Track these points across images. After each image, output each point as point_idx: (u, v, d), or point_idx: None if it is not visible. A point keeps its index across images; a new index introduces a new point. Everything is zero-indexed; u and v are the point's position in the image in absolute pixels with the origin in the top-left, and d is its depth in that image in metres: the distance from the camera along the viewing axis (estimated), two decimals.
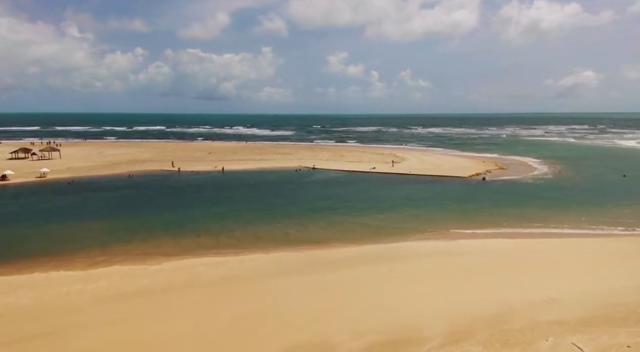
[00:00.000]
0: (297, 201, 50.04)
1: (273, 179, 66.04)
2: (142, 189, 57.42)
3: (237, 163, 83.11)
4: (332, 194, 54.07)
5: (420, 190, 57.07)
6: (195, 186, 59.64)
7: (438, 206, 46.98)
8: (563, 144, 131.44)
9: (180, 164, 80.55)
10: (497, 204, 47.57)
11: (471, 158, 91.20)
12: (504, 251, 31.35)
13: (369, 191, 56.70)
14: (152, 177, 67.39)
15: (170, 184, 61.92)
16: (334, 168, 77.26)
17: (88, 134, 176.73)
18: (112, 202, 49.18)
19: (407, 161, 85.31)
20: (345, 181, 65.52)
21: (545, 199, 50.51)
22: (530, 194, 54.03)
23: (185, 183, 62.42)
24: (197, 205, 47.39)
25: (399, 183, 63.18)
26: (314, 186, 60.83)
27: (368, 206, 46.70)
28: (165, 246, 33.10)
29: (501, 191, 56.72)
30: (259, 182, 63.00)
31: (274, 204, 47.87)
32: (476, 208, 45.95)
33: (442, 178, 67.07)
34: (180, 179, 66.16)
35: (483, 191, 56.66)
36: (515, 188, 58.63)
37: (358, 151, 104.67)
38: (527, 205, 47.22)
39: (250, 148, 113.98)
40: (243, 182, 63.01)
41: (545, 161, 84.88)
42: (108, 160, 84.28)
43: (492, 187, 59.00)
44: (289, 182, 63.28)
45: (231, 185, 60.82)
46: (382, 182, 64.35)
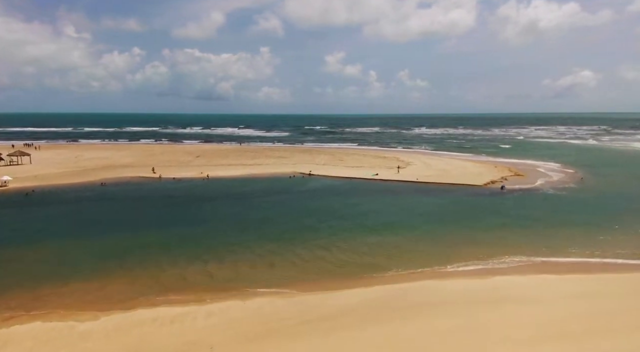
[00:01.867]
0: (287, 218, 42.39)
1: (262, 188, 58.45)
2: (109, 202, 49.79)
3: (226, 168, 75.57)
4: (329, 208, 46.54)
5: (431, 202, 49.62)
6: (172, 198, 51.99)
7: (456, 224, 39.48)
8: (574, 146, 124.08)
9: (164, 169, 73.03)
10: (526, 221, 40.10)
11: (481, 162, 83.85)
12: (559, 296, 23.82)
13: (371, 204, 49.14)
14: (127, 186, 59.76)
15: (143, 194, 54.30)
16: (332, 174, 69.79)
17: (76, 135, 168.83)
18: (66, 220, 41.38)
19: (412, 166, 77.88)
20: (345, 190, 58.03)
21: (578, 214, 43.15)
22: (559, 208, 46.59)
23: (162, 193, 54.80)
24: (166, 224, 39.76)
25: (406, 193, 55.74)
26: (309, 197, 53.29)
27: (371, 226, 39.16)
28: (112, 287, 25.56)
29: (524, 204, 49.25)
30: (246, 193, 55.37)
31: (259, 223, 40.24)
32: (502, 226, 38.58)
33: (454, 186, 59.72)
34: (157, 188, 58.54)
35: (502, 203, 49.20)
36: (538, 200, 51.17)
37: (358, 154, 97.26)
38: (562, 223, 39.78)
39: (243, 151, 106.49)
40: (227, 192, 55.42)
41: (562, 167, 77.46)
42: (83, 165, 76.59)
43: (512, 199, 51.54)
44: (280, 192, 55.73)
45: (213, 196, 53.24)
46: (386, 191, 56.88)
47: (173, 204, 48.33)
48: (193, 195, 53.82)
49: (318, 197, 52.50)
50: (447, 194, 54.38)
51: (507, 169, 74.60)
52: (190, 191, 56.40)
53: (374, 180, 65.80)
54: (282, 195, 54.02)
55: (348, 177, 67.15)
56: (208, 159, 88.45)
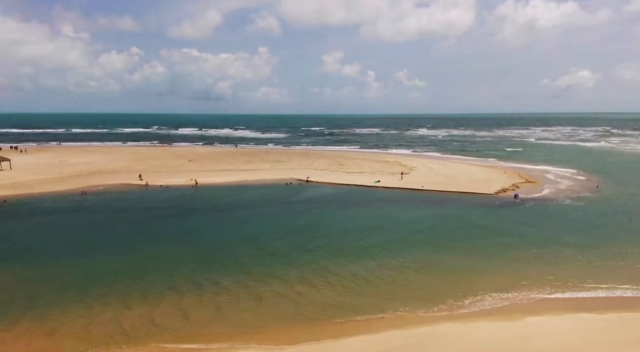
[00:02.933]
0: (276, 237, 37.78)
1: (254, 198, 53.90)
2: (85, 215, 45.13)
3: (218, 174, 70.99)
4: (325, 224, 42.08)
5: (439, 215, 45.12)
6: (153, 210, 47.27)
7: (469, 245, 35.00)
8: (583, 150, 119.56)
9: (152, 175, 68.42)
10: (547, 242, 35.64)
11: (489, 167, 79.40)
12: (610, 345, 19.40)
13: (372, 218, 44.61)
14: (109, 195, 55.12)
15: (124, 205, 49.65)
16: (331, 181, 65.27)
17: (66, 137, 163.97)
18: (29, 239, 36.72)
19: (416, 172, 73.39)
20: (344, 200, 53.52)
21: (602, 232, 38.75)
22: (579, 224, 42.14)
23: (144, 204, 50.15)
24: (139, 244, 35.09)
25: (411, 203, 51.29)
26: (304, 209, 48.76)
27: (372, 248, 34.65)
28: (64, 332, 21.05)
29: (540, 218, 44.78)
30: (234, 204, 50.80)
31: (244, 244, 35.65)
32: (520, 248, 34.11)
33: (463, 195, 55.29)
34: (141, 198, 53.90)
35: (516, 217, 44.70)
36: (555, 213, 46.61)
37: (358, 158, 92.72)
38: (586, 244, 35.31)
39: (238, 154, 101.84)
40: (215, 203, 50.83)
41: (574, 173, 72.98)
42: (67, 171, 71.88)
43: (526, 212, 47.09)
44: (273, 203, 51.16)
45: (198, 208, 48.65)
46: (389, 201, 52.43)
47: (152, 218, 43.67)
48: (176, 207, 49.19)
49: (314, 209, 47.97)
50: (456, 205, 49.94)
51: (517, 175, 70.21)
52: (175, 202, 51.76)
53: (376, 187, 61.35)
54: (275, 206, 49.43)
55: (348, 184, 62.68)
56: (200, 164, 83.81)
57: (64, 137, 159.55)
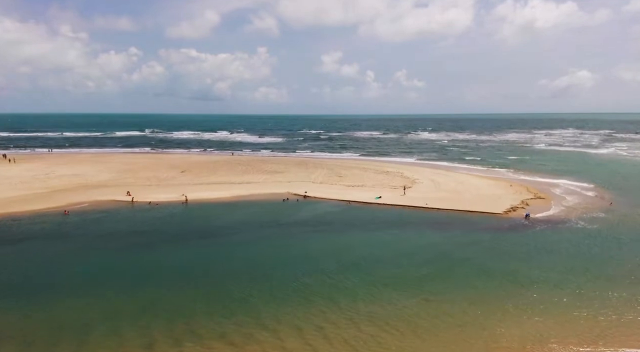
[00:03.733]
0: (272, 271, 34.41)
1: (247, 218, 50.52)
2: (61, 242, 41.61)
3: (211, 188, 67.56)
4: (320, 253, 38.80)
5: (446, 242, 41.85)
6: (138, 234, 43.70)
7: (484, 282, 31.65)
8: (589, 158, 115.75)
9: (140, 190, 65.05)
10: (569, 281, 32.26)
11: (495, 179, 76.07)
12: None
13: (373, 245, 41.31)
14: (93, 216, 51.60)
15: (108, 228, 46.12)
16: (329, 197, 61.92)
17: (59, 141, 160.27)
18: None
19: (419, 185, 70.05)
20: (342, 219, 50.29)
21: (624, 266, 35.45)
22: (599, 254, 38.89)
23: (127, 227, 46.66)
24: (110, 282, 31.64)
25: (414, 224, 48.22)
26: (299, 232, 45.47)
27: (373, 287, 31.23)
28: None
29: (555, 244, 41.47)
30: (225, 226, 47.35)
31: (225, 281, 32.17)
32: (542, 287, 30.78)
33: (470, 215, 51.99)
34: (125, 219, 50.39)
35: (530, 244, 41.36)
36: (569, 238, 43.14)
37: (358, 168, 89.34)
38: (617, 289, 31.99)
39: (235, 163, 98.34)
40: (204, 226, 47.44)
41: (585, 187, 69.46)
42: (52, 185, 68.34)
43: (540, 236, 43.68)
44: (268, 225, 47.77)
45: (184, 231, 45.26)
46: (391, 222, 49.33)
47: (133, 247, 40.18)
48: (161, 230, 45.75)
49: (310, 234, 44.65)
50: (463, 228, 46.70)
51: (525, 189, 66.92)
52: (161, 223, 48.29)
53: (377, 204, 58.02)
54: (269, 230, 46.03)
55: (347, 201, 59.32)
56: (194, 175, 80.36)
57: (57, 141, 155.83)
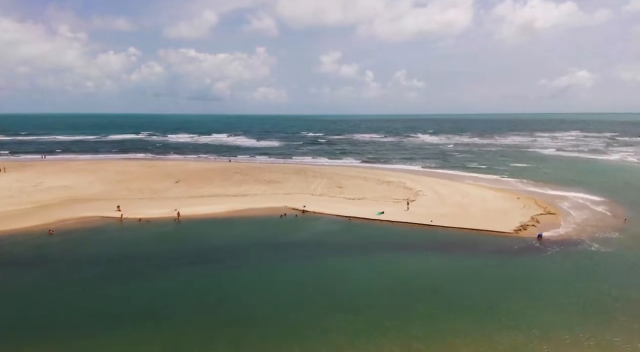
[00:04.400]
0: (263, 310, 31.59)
1: (242, 238, 47.72)
2: (43, 268, 38.76)
3: (206, 201, 64.63)
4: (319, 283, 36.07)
5: (451, 268, 39.22)
6: (124, 259, 40.80)
7: (493, 324, 28.79)
8: (596, 165, 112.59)
9: (131, 204, 62.23)
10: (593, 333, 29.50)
11: (501, 191, 73.20)
12: None
13: (374, 275, 38.59)
14: (79, 235, 48.69)
15: (93, 251, 43.19)
16: (329, 212, 59.07)
17: (54, 146, 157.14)
18: None
19: (423, 198, 67.18)
20: (343, 240, 47.69)
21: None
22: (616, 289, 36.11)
23: (116, 249, 43.75)
24: (96, 321, 28.83)
25: (419, 246, 45.61)
26: (298, 255, 42.70)
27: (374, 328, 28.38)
28: None
29: (574, 273, 38.74)
30: (219, 248, 44.60)
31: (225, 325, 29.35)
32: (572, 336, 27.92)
33: (478, 234, 49.19)
34: (114, 239, 47.50)
35: (541, 273, 38.58)
36: (586, 265, 40.37)
37: (359, 177, 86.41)
38: None
39: (231, 171, 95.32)
40: (196, 247, 44.59)
41: (596, 200, 66.40)
42: (40, 199, 65.33)
43: (551, 263, 40.76)
44: (262, 246, 45.00)
45: (174, 255, 42.45)
46: (394, 243, 46.96)
47: (114, 275, 37.39)
48: (148, 253, 42.89)
49: (306, 259, 41.96)
50: (471, 250, 44.28)
51: (534, 202, 64.13)
52: (149, 245, 45.39)
53: (380, 221, 55.20)
54: (262, 253, 43.22)
55: (348, 217, 56.46)
56: (188, 186, 77.37)
57: (50, 146, 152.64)
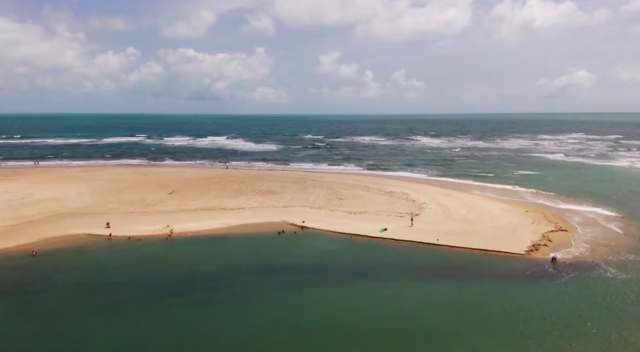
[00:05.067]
0: None
1: (237, 261, 44.93)
2: (21, 301, 35.87)
3: (201, 216, 61.81)
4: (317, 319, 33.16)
5: (459, 299, 36.43)
6: (109, 288, 37.88)
7: None
8: (603, 172, 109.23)
9: (123, 218, 59.58)
10: None
11: (508, 202, 70.40)
12: None
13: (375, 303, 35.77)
14: (64, 257, 45.88)
15: (78, 278, 40.25)
16: (329, 228, 56.30)
17: (48, 150, 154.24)
18: None
19: (427, 212, 64.38)
20: (343, 263, 44.94)
21: None
22: None
23: (101, 275, 40.87)
24: None
25: (420, 269, 43.27)
26: (296, 283, 39.81)
27: None
28: None
29: (594, 306, 35.89)
30: (212, 274, 41.73)
31: None
32: None
33: (487, 255, 46.46)
34: (99, 262, 44.53)
35: (562, 307, 35.61)
36: (603, 296, 37.31)
37: (360, 187, 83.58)
38: None
39: (228, 180, 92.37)
40: (187, 273, 41.56)
41: (607, 215, 63.04)
42: (26, 214, 62.35)
43: (567, 292, 37.80)
44: (258, 273, 42.18)
45: (162, 282, 39.62)
46: (398, 266, 44.16)
47: (96, 310, 34.41)
48: (135, 280, 39.96)
49: (303, 286, 39.00)
50: (478, 274, 41.88)
51: (543, 217, 61.42)
52: (136, 270, 42.39)
53: (383, 239, 52.45)
54: (258, 279, 40.49)
55: (349, 234, 53.71)
56: (182, 197, 74.48)
57: (44, 151, 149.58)
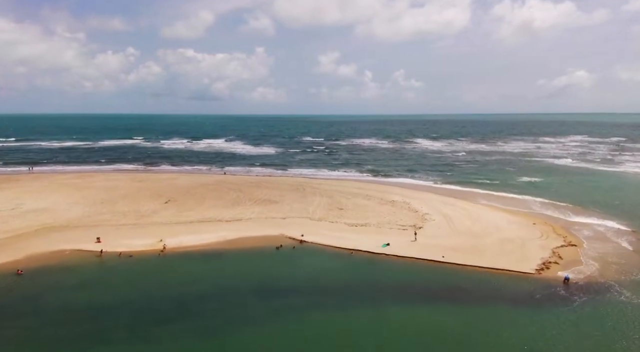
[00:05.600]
0: None
1: (231, 281, 42.76)
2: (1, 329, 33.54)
3: (196, 228, 59.55)
4: None
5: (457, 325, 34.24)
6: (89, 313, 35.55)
7: None
8: (609, 178, 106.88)
9: (114, 231, 57.49)
10: None
11: (514, 213, 68.13)
12: None
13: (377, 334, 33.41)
14: (51, 276, 43.53)
15: (59, 301, 38.06)
16: (329, 243, 54.02)
17: (43, 154, 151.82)
18: None
19: (430, 223, 62.13)
20: (342, 283, 42.87)
21: None
22: None
23: (85, 297, 38.60)
24: None
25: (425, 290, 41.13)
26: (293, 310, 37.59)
27: None
28: None
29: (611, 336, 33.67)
30: (203, 297, 39.44)
31: None
32: None
33: (495, 274, 44.21)
34: (87, 282, 42.24)
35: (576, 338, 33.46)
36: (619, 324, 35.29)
37: (360, 196, 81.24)
38: None
39: (225, 187, 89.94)
40: (178, 294, 39.21)
41: (618, 229, 60.27)
42: (14, 227, 59.91)
43: (584, 320, 35.52)
44: (254, 294, 39.89)
45: (152, 306, 37.48)
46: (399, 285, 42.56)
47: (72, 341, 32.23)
48: (123, 304, 37.65)
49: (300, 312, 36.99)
50: (486, 297, 39.94)
51: (551, 229, 59.25)
52: (126, 292, 40.09)
53: (386, 255, 50.19)
54: (253, 300, 38.44)
55: (350, 250, 51.46)
56: (178, 207, 72.17)
57: (39, 155, 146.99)
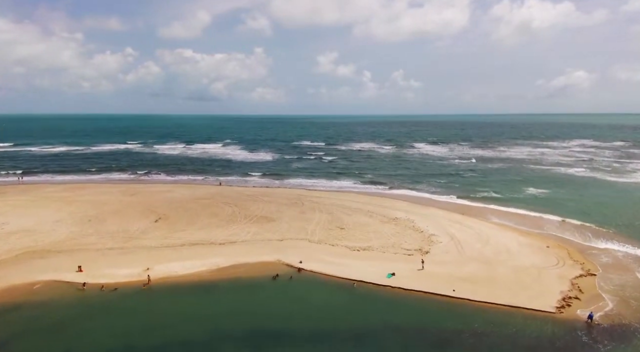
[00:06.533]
0: None
1: (219, 325, 38.55)
2: None
3: (185, 254, 55.66)
4: None
5: None
6: None
7: None
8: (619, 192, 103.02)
9: (99, 256, 53.81)
10: None
11: (526, 234, 64.28)
12: None
13: None
14: (23, 316, 39.49)
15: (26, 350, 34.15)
16: (329, 272, 50.17)
17: (34, 161, 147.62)
18: None
19: (437, 247, 58.37)
20: (344, 327, 38.63)
21: None
22: None
23: (54, 345, 34.50)
24: None
25: (435, 337, 36.58)
26: None
27: None
28: None
29: None
30: (184, 345, 35.41)
31: None
32: None
33: (510, 313, 40.33)
34: (62, 326, 38.03)
35: None
36: None
37: (362, 212, 77.36)
38: None
39: (220, 202, 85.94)
40: (156, 345, 35.22)
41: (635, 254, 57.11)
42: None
43: None
44: (246, 339, 35.84)
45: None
46: (407, 328, 37.97)
47: None
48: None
49: None
50: (507, 347, 35.27)
51: (567, 254, 55.67)
52: (101, 338, 35.80)
53: (391, 287, 46.37)
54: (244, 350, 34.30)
55: (352, 280, 47.65)
56: (169, 226, 68.24)
57: (30, 162, 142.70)
